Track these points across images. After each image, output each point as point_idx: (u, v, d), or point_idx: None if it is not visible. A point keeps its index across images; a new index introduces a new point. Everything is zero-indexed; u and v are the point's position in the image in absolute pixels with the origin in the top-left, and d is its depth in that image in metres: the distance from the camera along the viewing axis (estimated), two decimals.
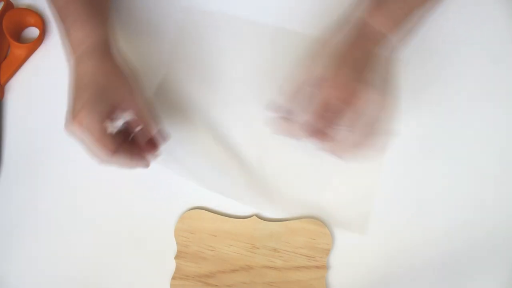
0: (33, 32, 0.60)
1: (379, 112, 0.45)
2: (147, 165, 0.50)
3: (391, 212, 0.57)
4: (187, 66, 0.58)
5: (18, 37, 0.60)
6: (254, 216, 0.57)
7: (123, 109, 0.46)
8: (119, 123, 0.46)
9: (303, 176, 0.57)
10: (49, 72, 0.59)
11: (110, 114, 0.46)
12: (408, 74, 0.58)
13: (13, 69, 0.58)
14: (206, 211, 0.57)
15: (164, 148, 0.51)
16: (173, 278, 0.56)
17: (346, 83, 0.44)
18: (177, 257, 0.56)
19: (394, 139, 0.57)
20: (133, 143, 0.49)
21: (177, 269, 0.56)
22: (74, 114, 0.46)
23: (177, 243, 0.56)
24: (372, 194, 0.57)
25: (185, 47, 0.58)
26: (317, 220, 0.57)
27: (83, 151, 0.58)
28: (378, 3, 0.48)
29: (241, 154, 0.57)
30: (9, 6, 0.58)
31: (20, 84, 0.59)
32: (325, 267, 0.56)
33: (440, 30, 0.59)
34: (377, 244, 0.57)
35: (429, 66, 0.59)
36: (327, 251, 0.56)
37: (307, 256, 0.56)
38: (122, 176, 0.57)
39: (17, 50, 0.58)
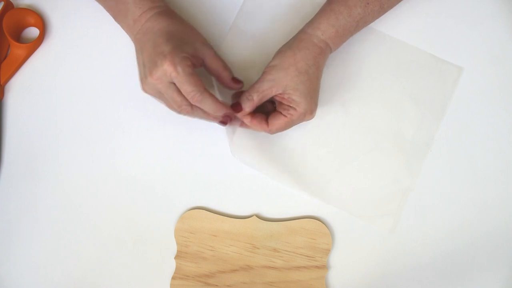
0: (33, 32, 0.60)
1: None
2: (242, 87, 0.54)
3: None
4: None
5: (18, 37, 0.60)
6: (254, 216, 0.57)
7: (204, 53, 0.51)
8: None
9: (304, 175, 0.57)
10: (49, 72, 0.59)
11: (193, 56, 0.49)
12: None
13: (13, 69, 0.58)
14: (206, 211, 0.57)
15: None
16: (173, 278, 0.56)
17: (313, 113, 0.53)
18: (177, 257, 0.56)
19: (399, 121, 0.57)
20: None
21: (177, 269, 0.56)
22: (162, 56, 0.47)
23: (177, 243, 0.56)
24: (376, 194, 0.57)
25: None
26: (317, 220, 0.57)
27: (82, 151, 0.58)
28: (327, 18, 0.52)
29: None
30: (9, 6, 0.58)
31: (20, 84, 0.59)
32: (325, 267, 0.56)
33: (440, 30, 0.59)
34: (377, 244, 0.57)
35: None
36: (327, 251, 0.56)
37: (307, 256, 0.56)
38: (122, 176, 0.57)
39: (17, 50, 0.58)
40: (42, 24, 0.59)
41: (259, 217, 0.57)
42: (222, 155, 0.57)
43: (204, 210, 0.57)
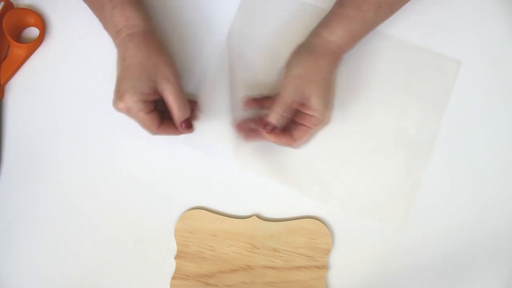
0: (33, 32, 0.60)
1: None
2: (191, 131, 0.53)
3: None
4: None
5: (18, 37, 0.60)
6: (254, 216, 0.57)
7: (162, 88, 0.50)
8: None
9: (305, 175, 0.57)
10: (49, 72, 0.59)
11: (152, 93, 0.49)
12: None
13: (13, 69, 0.58)
14: (206, 211, 0.57)
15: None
16: (173, 278, 0.56)
17: (330, 120, 0.51)
18: (177, 257, 0.56)
19: (395, 141, 0.57)
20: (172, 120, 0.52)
21: (177, 269, 0.56)
22: (119, 95, 0.49)
23: (177, 243, 0.56)
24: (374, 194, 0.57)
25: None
26: (317, 220, 0.57)
27: (82, 151, 0.58)
28: (341, 23, 0.51)
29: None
30: (9, 6, 0.58)
31: (20, 84, 0.59)
32: (325, 267, 0.56)
33: (440, 29, 0.59)
34: (377, 244, 0.57)
35: None
36: (327, 251, 0.56)
37: (307, 256, 0.56)
38: (122, 176, 0.57)
39: (17, 50, 0.58)
40: (42, 24, 0.59)
41: (259, 217, 0.57)
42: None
43: (204, 210, 0.57)
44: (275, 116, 0.50)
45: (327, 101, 0.50)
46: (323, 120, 0.50)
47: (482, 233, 0.57)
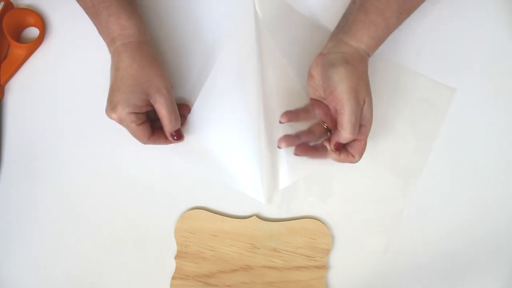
0: (33, 32, 0.60)
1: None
2: (182, 140, 0.55)
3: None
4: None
5: (18, 37, 0.60)
6: (254, 216, 0.57)
7: (155, 101, 0.50)
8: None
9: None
10: (49, 72, 0.59)
11: (144, 105, 0.50)
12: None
13: (13, 69, 0.58)
14: (206, 211, 0.57)
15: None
16: (173, 278, 0.56)
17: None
18: (177, 257, 0.56)
19: (394, 142, 0.57)
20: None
21: (177, 269, 0.56)
22: (112, 106, 0.50)
23: (177, 243, 0.56)
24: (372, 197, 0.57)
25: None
26: (317, 220, 0.57)
27: (82, 151, 0.58)
28: (367, 31, 0.51)
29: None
30: (9, 6, 0.58)
31: (20, 84, 0.59)
32: (325, 267, 0.56)
33: (441, 31, 0.59)
34: (377, 244, 0.57)
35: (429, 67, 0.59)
36: (327, 251, 0.56)
37: (307, 256, 0.56)
38: (122, 176, 0.57)
39: (17, 50, 0.58)
40: (42, 24, 0.59)
41: (259, 217, 0.57)
42: None
43: (204, 210, 0.57)
44: (346, 136, 0.49)
45: (372, 106, 0.50)
46: (370, 127, 0.50)
47: (482, 233, 0.57)
